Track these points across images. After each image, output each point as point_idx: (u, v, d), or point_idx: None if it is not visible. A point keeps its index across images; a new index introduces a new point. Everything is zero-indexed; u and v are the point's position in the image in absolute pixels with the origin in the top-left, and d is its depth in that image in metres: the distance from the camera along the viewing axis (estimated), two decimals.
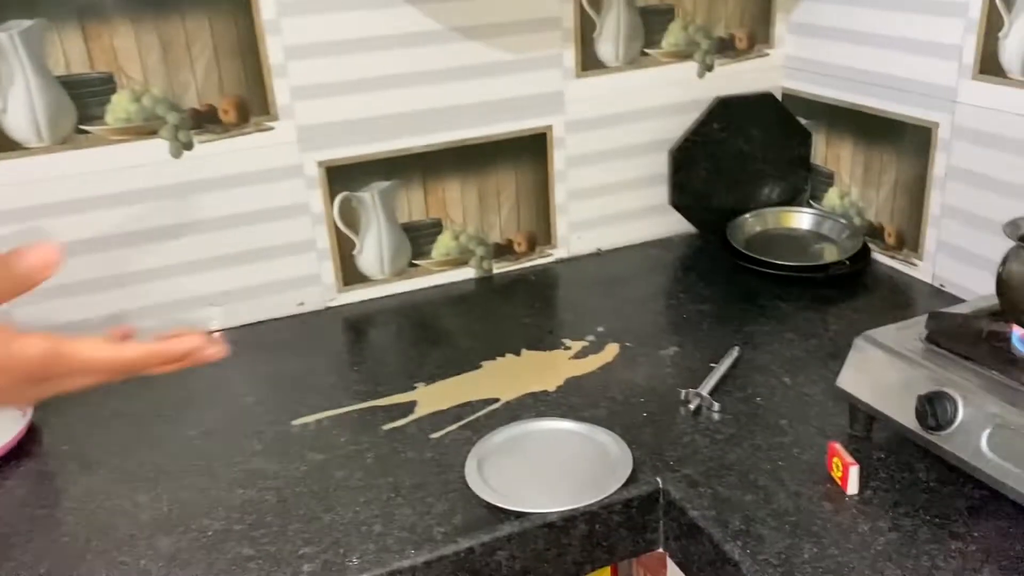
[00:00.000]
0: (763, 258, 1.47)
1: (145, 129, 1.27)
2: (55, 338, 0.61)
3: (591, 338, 1.32)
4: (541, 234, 1.58)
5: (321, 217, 1.42)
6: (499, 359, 1.28)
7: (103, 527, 0.97)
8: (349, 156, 1.40)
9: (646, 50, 1.54)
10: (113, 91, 1.23)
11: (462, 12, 1.38)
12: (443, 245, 1.51)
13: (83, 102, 1.22)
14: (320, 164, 1.38)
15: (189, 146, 1.30)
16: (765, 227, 1.62)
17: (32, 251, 0.60)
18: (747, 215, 1.62)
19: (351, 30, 1.33)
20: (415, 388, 1.22)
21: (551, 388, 1.19)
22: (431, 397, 1.19)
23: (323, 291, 1.46)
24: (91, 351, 0.63)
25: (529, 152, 1.51)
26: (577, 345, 1.31)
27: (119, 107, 1.24)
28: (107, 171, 1.27)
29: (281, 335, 1.40)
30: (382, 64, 1.37)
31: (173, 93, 1.26)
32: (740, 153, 1.62)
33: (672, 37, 1.54)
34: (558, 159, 1.54)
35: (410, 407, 1.17)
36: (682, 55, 1.56)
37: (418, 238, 1.49)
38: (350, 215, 1.44)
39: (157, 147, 1.28)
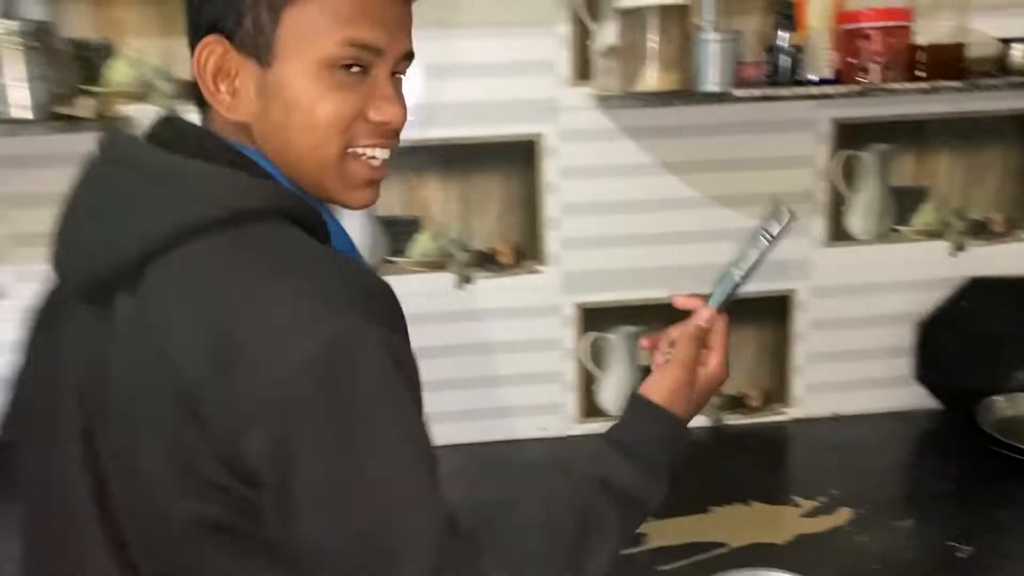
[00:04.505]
0: (1018, 444, 1.42)
1: (437, 264, 1.50)
2: None
3: (823, 499, 1.34)
4: (776, 391, 1.63)
5: (571, 353, 1.57)
6: (727, 506, 1.33)
7: None
8: (603, 301, 1.55)
9: (896, 227, 1.59)
10: (418, 231, 1.49)
11: (715, 182, 1.52)
12: None
13: (394, 240, 1.48)
14: (578, 306, 1.55)
15: (470, 280, 1.52)
16: (1018, 412, 1.56)
17: None
18: (999, 398, 1.57)
19: (613, 193, 1.51)
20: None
21: (780, 541, 1.22)
22: (660, 531, 1.26)
23: (564, 419, 1.59)
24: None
25: (771, 315, 1.59)
26: (808, 504, 1.33)
27: (421, 244, 1.49)
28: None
29: (526, 455, 1.53)
30: (640, 223, 1.52)
31: (464, 236, 1.49)
32: (994, 334, 1.59)
33: (925, 216, 1.59)
34: (800, 321, 1.60)
35: (639, 538, 1.25)
36: (934, 234, 1.60)
37: None
38: (598, 354, 1.57)
39: (445, 280, 1.51)
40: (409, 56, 0.76)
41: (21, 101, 1.25)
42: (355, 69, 0.72)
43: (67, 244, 0.72)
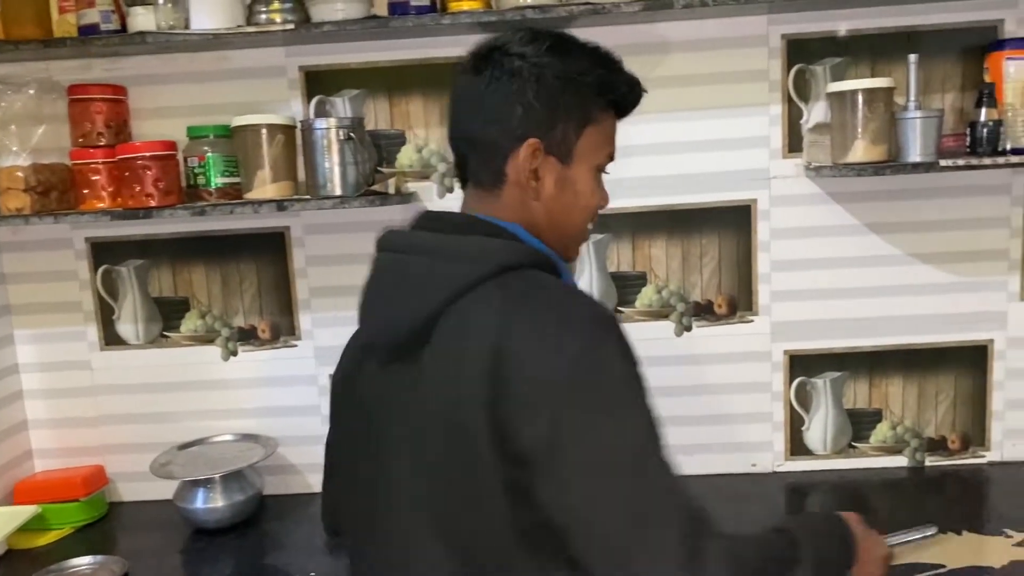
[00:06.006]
0: None
1: (660, 313, 1.72)
2: None
3: None
4: (975, 435, 1.74)
5: (779, 395, 1.74)
6: (940, 535, 1.46)
7: None
8: (810, 348, 1.72)
9: None
10: (644, 285, 1.71)
11: (914, 241, 1.68)
12: (881, 432, 1.74)
13: (622, 292, 1.72)
14: (786, 352, 1.72)
15: (689, 328, 1.73)
16: None
17: None
18: None
19: (819, 251, 1.69)
20: None
21: (996, 565, 1.34)
22: None
23: (773, 457, 1.76)
24: None
25: (969, 363, 1.71)
26: (1019, 535, 1.44)
27: (646, 296, 1.72)
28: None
29: (737, 489, 1.70)
30: (844, 278, 1.69)
31: (684, 289, 1.71)
32: None
33: None
34: (998, 369, 1.71)
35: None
36: None
37: (860, 424, 1.74)
38: (804, 397, 1.74)
39: (667, 327, 1.73)
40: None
41: (339, 181, 1.57)
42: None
43: (369, 322, 0.98)
